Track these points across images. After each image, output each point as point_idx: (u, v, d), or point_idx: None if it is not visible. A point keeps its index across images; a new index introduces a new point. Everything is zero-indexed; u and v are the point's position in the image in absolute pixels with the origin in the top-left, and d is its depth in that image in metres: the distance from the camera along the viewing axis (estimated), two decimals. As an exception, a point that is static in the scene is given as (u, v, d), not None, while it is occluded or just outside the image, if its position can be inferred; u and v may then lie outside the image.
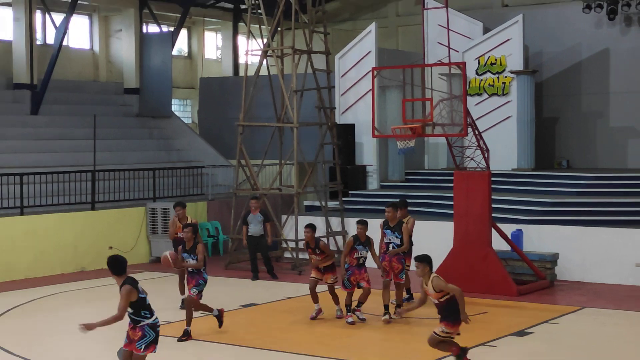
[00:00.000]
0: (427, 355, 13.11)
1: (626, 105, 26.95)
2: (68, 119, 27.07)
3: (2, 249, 20.46)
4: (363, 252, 15.09)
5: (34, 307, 17.49)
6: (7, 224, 20.76)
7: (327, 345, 13.70)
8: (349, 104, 26.29)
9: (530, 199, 21.96)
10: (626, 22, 26.91)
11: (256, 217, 20.36)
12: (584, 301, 17.56)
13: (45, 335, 14.98)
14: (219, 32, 34.50)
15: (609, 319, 16.08)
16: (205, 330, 14.83)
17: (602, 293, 18.44)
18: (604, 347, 13.94)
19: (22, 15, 26.26)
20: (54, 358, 13.25)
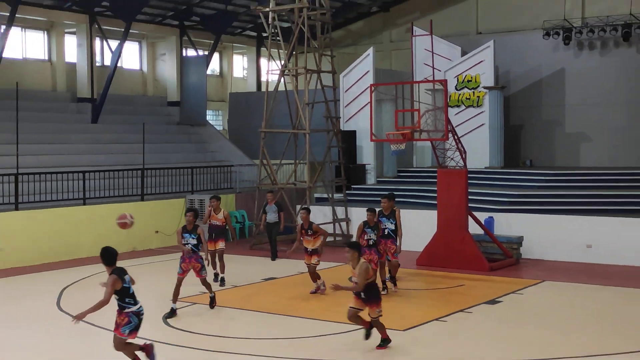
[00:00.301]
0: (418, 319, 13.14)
1: (579, 115, 26.94)
2: (122, 126, 27.16)
3: (68, 233, 20.57)
4: (372, 235, 14.93)
5: (95, 280, 17.58)
6: (72, 212, 20.86)
7: (334, 311, 13.74)
8: (351, 114, 26.31)
9: (500, 192, 21.96)
10: (579, 46, 26.89)
11: (272, 208, 20.36)
12: (544, 275, 17.58)
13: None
14: (245, 55, 34.53)
15: (564, 289, 16.09)
16: (232, 299, 14.88)
17: (559, 269, 18.45)
18: (561, 312, 13.96)
19: (84, 41, 26.38)
20: (109, 322, 13.30)
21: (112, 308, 13.41)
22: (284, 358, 10.98)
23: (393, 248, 15.45)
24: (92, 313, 9.40)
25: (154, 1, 26.63)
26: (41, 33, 27.02)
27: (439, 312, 13.76)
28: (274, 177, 23.38)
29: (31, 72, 26.32)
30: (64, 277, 17.70)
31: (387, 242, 15.43)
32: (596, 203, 20.62)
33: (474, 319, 13.48)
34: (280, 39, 23.39)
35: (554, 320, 13.27)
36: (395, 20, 32.08)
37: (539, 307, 14.39)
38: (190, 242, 13.80)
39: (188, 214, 14.03)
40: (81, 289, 16.52)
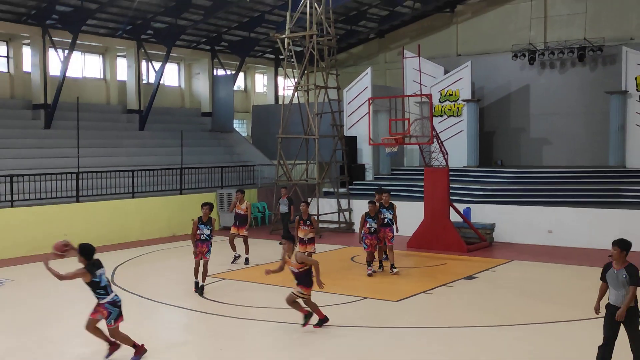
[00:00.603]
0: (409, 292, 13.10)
1: (541, 123, 26.82)
2: (163, 133, 27.17)
3: (119, 221, 20.59)
4: (373, 223, 14.71)
5: (142, 260, 17.63)
6: (123, 204, 20.89)
7: (340, 286, 13.72)
8: (352, 122, 26.24)
9: (475, 187, 21.89)
10: (541, 66, 26.76)
11: (284, 201, 20.18)
12: (513, 256, 17.51)
13: (149, 278, 15.09)
14: (265, 74, 34.50)
15: (530, 267, 16.03)
16: (255, 275, 14.87)
17: (525, 250, 18.39)
18: (527, 286, 13.90)
19: (133, 63, 26.40)
20: (154, 294, 13.34)
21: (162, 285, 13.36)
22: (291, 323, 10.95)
23: (390, 235, 15.18)
24: (51, 273, 8.99)
25: (190, 30, 26.61)
26: (97, 56, 27.06)
27: (425, 286, 13.73)
28: (289, 174, 23.36)
29: (89, 89, 26.36)
30: (116, 257, 17.74)
31: (385, 230, 15.11)
32: (556, 196, 20.54)
33: (455, 291, 13.44)
34: (294, 61, 23.35)
35: (522, 293, 13.22)
36: (389, 44, 31.99)
37: (509, 282, 14.34)
38: (205, 232, 13.30)
39: (204, 207, 13.43)
40: (131, 267, 16.57)
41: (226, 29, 28.10)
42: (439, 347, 9.92)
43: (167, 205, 22.04)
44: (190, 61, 30.31)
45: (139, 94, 26.48)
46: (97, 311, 9.20)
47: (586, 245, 18.65)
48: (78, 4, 22.57)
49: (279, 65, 32.47)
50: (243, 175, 25.73)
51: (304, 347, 9.95)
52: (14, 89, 24.06)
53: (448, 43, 29.90)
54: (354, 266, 16.45)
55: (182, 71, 30.43)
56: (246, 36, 28.91)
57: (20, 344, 10.21)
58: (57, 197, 19.40)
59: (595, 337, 8.30)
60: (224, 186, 24.46)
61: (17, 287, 14.13)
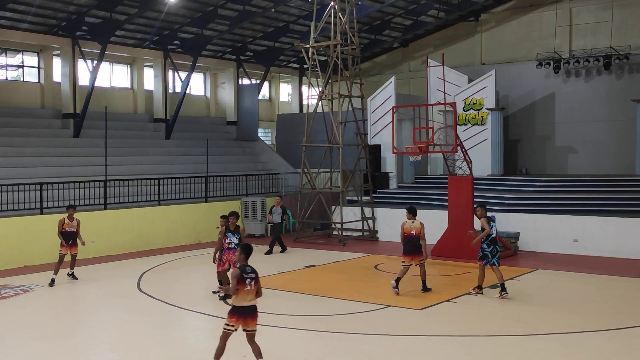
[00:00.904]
0: (433, 300, 13.04)
1: (566, 131, 26.59)
2: (189, 141, 27.37)
3: (144, 229, 20.75)
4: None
5: (167, 266, 17.76)
6: (149, 211, 21.07)
7: (364, 294, 13.70)
8: (377, 131, 26.21)
9: (500, 195, 21.74)
10: (567, 74, 26.54)
11: (277, 210, 19.89)
12: (538, 265, 17.36)
13: (174, 285, 15.20)
14: (289, 83, 34.65)
15: (555, 276, 15.87)
16: (277, 283, 14.91)
17: (550, 259, 18.21)
18: (552, 295, 13.76)
19: (160, 73, 26.69)
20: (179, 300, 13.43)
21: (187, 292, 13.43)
22: (317, 331, 10.97)
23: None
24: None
25: (216, 40, 26.85)
26: (125, 66, 27.40)
27: (450, 295, 13.67)
28: (313, 183, 23.40)
29: (117, 98, 26.69)
30: (142, 264, 17.89)
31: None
32: (581, 204, 20.31)
33: (479, 300, 13.35)
34: (318, 70, 23.44)
35: (546, 302, 13.09)
36: (413, 53, 31.97)
37: (534, 291, 14.21)
38: (234, 240, 13.40)
39: (231, 217, 13.53)
40: (157, 273, 16.71)
41: (251, 39, 28.30)
42: (463, 355, 9.86)
43: (193, 213, 22.18)
44: (216, 71, 30.55)
45: (165, 103, 26.74)
46: None
47: (612, 254, 18.41)
48: (107, 16, 22.92)
49: (304, 75, 32.59)
50: (267, 183, 25.81)
51: (328, 355, 9.95)
52: (44, 99, 24.47)
53: (472, 52, 29.80)
54: (377, 274, 16.43)
55: (207, 80, 30.66)
56: (271, 46, 29.08)
57: (49, 349, 10.35)
58: (85, 205, 19.64)
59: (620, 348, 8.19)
60: (249, 194, 24.57)
61: (45, 293, 14.33)
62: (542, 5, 27.89)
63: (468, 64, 29.17)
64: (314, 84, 25.47)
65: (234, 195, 24.03)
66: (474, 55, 29.77)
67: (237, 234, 13.49)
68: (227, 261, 13.38)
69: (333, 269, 17.17)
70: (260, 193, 25.05)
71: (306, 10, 25.61)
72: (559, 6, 27.30)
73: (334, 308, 12.64)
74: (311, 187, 23.45)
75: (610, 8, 25.97)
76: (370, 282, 15.27)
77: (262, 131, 33.08)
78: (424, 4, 27.72)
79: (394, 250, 19.70)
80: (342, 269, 16.79)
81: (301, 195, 23.46)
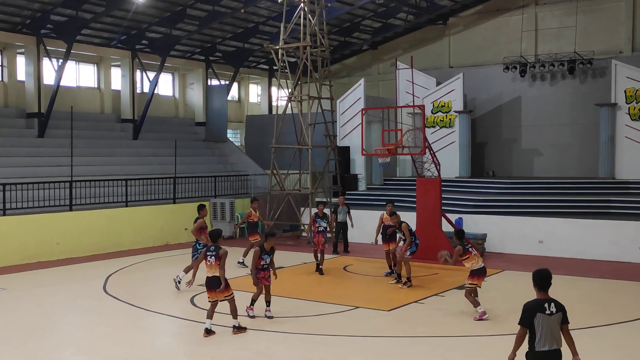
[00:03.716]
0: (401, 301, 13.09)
1: (532, 134, 26.92)
2: (157, 142, 27.14)
3: (111, 231, 20.51)
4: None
5: (134, 268, 17.56)
6: (116, 213, 20.83)
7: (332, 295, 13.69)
8: (346, 132, 26.26)
9: (467, 197, 21.94)
10: (532, 78, 26.88)
11: (343, 209, 19.78)
12: (504, 266, 17.55)
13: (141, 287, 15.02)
14: (258, 84, 34.56)
15: (521, 278, 16.02)
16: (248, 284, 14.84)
17: (516, 260, 18.43)
18: (517, 296, 13.88)
19: (127, 72, 26.40)
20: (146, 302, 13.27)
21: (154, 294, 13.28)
22: (285, 333, 10.93)
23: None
24: None
25: (185, 40, 26.65)
26: (92, 66, 27.04)
27: (418, 296, 13.75)
28: (282, 184, 23.35)
29: (83, 98, 26.33)
30: (109, 266, 17.66)
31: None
32: (547, 206, 20.62)
33: (447, 301, 13.45)
34: (287, 71, 23.42)
35: (512, 303, 13.22)
36: (382, 56, 32.11)
37: (500, 292, 14.36)
38: (322, 224, 16.07)
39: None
40: (123, 275, 16.50)
41: (220, 40, 28.15)
42: (433, 356, 9.91)
43: (161, 214, 21.98)
44: (185, 71, 30.33)
45: (133, 103, 26.46)
46: None
47: (576, 255, 18.71)
48: (73, 14, 22.58)
49: (273, 76, 32.52)
50: (236, 184, 25.70)
51: (296, 357, 9.91)
52: (7, 98, 24.00)
53: (440, 55, 30.04)
54: (346, 276, 16.44)
55: (176, 81, 30.43)
56: (240, 47, 28.96)
57: (16, 353, 10.13)
58: (50, 206, 19.32)
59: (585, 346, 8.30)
60: (218, 195, 24.42)
61: (9, 296, 14.05)
62: (508, 10, 28.26)
63: (436, 67, 29.39)
64: (284, 86, 25.45)
65: (202, 197, 23.86)
66: (442, 58, 30.02)
67: (325, 219, 16.22)
68: (318, 243, 15.96)
69: (302, 270, 17.13)
70: (229, 194, 24.92)
71: (276, 12, 25.57)
72: (525, 11, 27.68)
73: (303, 310, 12.62)
74: (280, 188, 23.40)
75: (574, 14, 26.43)
76: (339, 284, 15.27)
77: (231, 132, 32.93)
78: (393, 7, 27.88)
79: (363, 252, 19.75)
80: (311, 270, 16.76)
81: (270, 196, 23.38)
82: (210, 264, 10.52)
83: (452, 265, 12.95)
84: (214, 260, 10.48)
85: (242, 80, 33.54)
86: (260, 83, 34.12)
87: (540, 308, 6.54)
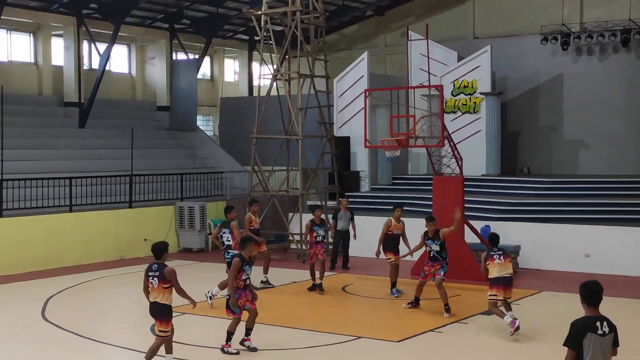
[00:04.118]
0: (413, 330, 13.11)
1: (577, 121, 27.00)
2: (110, 131, 27.08)
3: (55, 242, 20.47)
4: (433, 246, 14.84)
5: (80, 289, 17.50)
6: (59, 219, 20.76)
7: (330, 322, 13.70)
8: (345, 119, 26.28)
9: (496, 200, 21.95)
10: (577, 51, 26.96)
11: (346, 215, 19.93)
12: (541, 285, 17.58)
13: (88, 312, 14.97)
14: (236, 59, 34.53)
15: (562, 300, 16.08)
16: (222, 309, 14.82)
17: (557, 279, 18.46)
18: (558, 324, 13.90)
19: (72, 44, 26.34)
20: (93, 331, 13.24)
21: (104, 321, 13.32)
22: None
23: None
24: None
25: (144, 3, 26.60)
26: (27, 35, 26.95)
27: (434, 323, 13.74)
28: (265, 184, 23.34)
29: (17, 76, 26.24)
30: (49, 285, 17.60)
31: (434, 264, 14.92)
32: (595, 211, 20.64)
33: (470, 329, 13.45)
34: (272, 43, 23.37)
35: (552, 332, 13.24)
36: (390, 24, 32.13)
37: (537, 318, 14.37)
38: (320, 233, 16.61)
39: (317, 210, 17.07)
40: (67, 297, 16.43)
41: (188, 3, 28.11)
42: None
43: (114, 221, 21.94)
44: (144, 42, 30.26)
45: (78, 82, 26.39)
46: None
47: (631, 272, 18.75)
48: (3, -29, 22.54)
49: (254, 49, 32.49)
50: (208, 184, 25.67)
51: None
52: None
53: (463, 23, 30.08)
54: (345, 297, 16.44)
55: (133, 55, 30.37)
56: (213, 12, 28.93)
57: None
58: (-25, 211, 19.29)
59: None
60: (185, 198, 24.40)
61: None
62: (547, -33, 28.30)
63: (458, 38, 29.42)
64: (267, 61, 25.42)
65: (165, 200, 23.83)
66: (465, 27, 30.04)
67: (323, 227, 16.78)
68: (314, 255, 16.42)
69: (290, 291, 17.12)
70: (200, 197, 24.89)
71: (258, -32, 25.56)
72: (568, -32, 27.75)
73: (290, 340, 12.60)
74: (263, 189, 23.38)
75: (630, -29, 26.49)
76: (337, 308, 15.28)
77: (201, 119, 32.88)
78: (404, -37, 27.92)
79: (365, 268, 19.76)
80: (302, 291, 16.75)
81: (251, 199, 23.34)
82: (152, 286, 10.25)
83: (482, 272, 13.31)
84: (157, 282, 10.19)
85: (216, 53, 33.48)
86: (239, 57, 34.08)
87: (591, 327, 6.60)
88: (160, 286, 10.19)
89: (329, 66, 24.74)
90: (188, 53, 30.15)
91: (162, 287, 10.18)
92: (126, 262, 21.16)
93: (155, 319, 10.41)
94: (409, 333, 13.01)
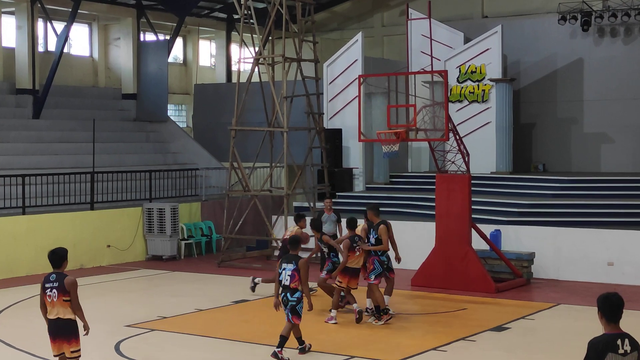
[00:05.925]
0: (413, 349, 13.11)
1: (599, 112, 27.05)
2: (68, 122, 27.00)
3: (5, 248, 20.39)
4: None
5: (34, 302, 17.40)
6: (10, 223, 20.68)
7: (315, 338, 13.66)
8: (336, 109, 26.26)
9: (508, 201, 21.98)
10: (599, 33, 27.00)
11: (330, 217, 19.82)
12: (559, 298, 17.59)
13: (43, 328, 14.90)
14: (213, 40, 34.47)
15: (582, 315, 16.07)
16: (196, 324, 14.78)
17: (577, 290, 18.47)
18: (578, 342, 13.90)
19: (25, 23, 26.21)
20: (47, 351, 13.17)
21: (54, 335, 13.17)
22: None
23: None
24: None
25: (107, -23, 26.54)
26: (-26, 13, 26.88)
27: (437, 341, 13.72)
28: (246, 182, 23.30)
29: (-38, 59, 26.17)
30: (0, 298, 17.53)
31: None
32: (619, 214, 20.71)
33: (478, 348, 13.44)
34: (254, 22, 23.34)
35: (570, 351, 13.26)
36: (388, 1, 32.15)
37: (553, 335, 14.39)
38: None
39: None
40: (18, 311, 16.36)
41: (158, -23, 28.06)
42: None
43: (73, 225, 21.87)
44: (107, 21, 30.17)
45: (33, 66, 26.28)
46: None
47: (661, 283, 18.82)
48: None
49: (233, 29, 32.44)
50: (181, 182, 25.63)
51: None
52: None
53: (470, 0, 30.11)
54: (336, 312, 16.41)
55: (95, 35, 30.30)
56: (187, -13, 28.89)
57: None
58: None
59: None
60: (154, 198, 24.34)
61: None
62: (566, -63, 28.35)
63: (465, 17, 29.47)
64: (248, 43, 25.37)
65: (132, 200, 23.78)
66: (472, 4, 30.09)
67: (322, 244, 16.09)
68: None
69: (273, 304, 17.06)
70: (171, 197, 24.82)
71: (237, -63, 25.50)
72: (589, -62, 27.80)
73: (274, 361, 12.57)
74: (243, 188, 23.34)
75: (659, -58, 26.55)
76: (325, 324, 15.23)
77: (172, 108, 32.82)
78: None
79: (359, 278, 19.71)
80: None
81: (229, 200, 23.32)
82: (51, 300, 9.96)
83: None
84: (57, 294, 9.92)
85: (190, 34, 33.42)
86: (215, 39, 34.02)
87: (612, 346, 6.57)
88: (60, 299, 9.93)
89: (319, 49, 24.72)
90: (158, 33, 30.04)
91: (63, 301, 9.91)
92: (86, 272, 21.06)
93: (61, 339, 10.03)
94: (408, 352, 12.98)
